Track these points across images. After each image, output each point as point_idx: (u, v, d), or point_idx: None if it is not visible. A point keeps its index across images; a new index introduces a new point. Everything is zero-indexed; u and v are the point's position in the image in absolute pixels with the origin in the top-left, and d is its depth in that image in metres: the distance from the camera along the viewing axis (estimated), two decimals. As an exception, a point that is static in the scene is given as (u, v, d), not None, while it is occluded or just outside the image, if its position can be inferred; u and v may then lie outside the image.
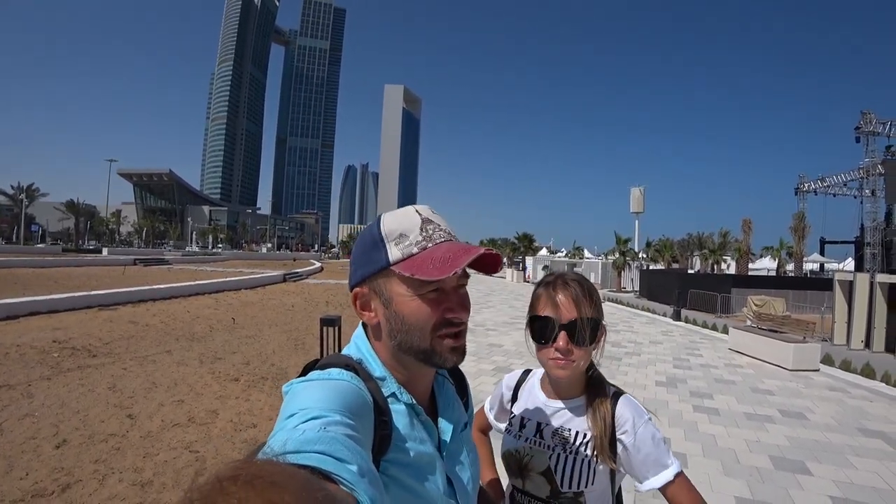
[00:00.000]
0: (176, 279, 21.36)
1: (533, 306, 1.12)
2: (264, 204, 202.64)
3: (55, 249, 48.99)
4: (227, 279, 20.75)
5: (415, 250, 0.73)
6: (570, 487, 1.06)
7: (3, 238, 65.86)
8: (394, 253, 0.73)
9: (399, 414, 0.73)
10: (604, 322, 1.10)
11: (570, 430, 1.11)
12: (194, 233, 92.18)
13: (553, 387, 1.17)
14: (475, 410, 1.35)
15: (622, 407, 1.09)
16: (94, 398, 5.35)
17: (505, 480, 1.32)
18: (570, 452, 1.08)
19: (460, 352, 0.76)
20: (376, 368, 0.76)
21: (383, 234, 0.75)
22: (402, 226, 0.75)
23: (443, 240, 0.75)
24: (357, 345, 0.80)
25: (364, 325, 0.81)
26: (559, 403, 1.14)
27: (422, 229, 0.75)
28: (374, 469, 0.51)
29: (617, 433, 1.06)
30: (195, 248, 77.00)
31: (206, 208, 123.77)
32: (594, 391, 1.12)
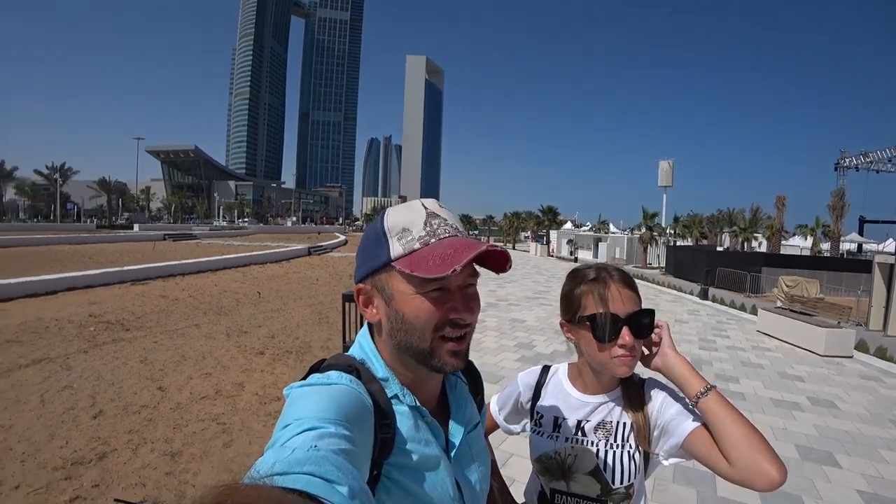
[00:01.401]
0: (204, 254, 21.95)
1: (580, 304, 1.06)
2: (288, 178, 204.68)
3: (90, 226, 50.84)
4: (253, 253, 21.22)
5: (417, 246, 0.70)
6: (621, 483, 1.05)
7: (41, 216, 68.49)
8: (395, 248, 0.71)
9: (402, 416, 0.72)
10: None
11: (611, 422, 1.08)
12: (221, 207, 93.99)
13: (592, 381, 1.12)
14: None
15: (650, 385, 1.10)
16: (127, 371, 5.58)
17: (517, 484, 1.29)
18: (617, 446, 1.06)
19: (462, 356, 0.73)
20: (379, 369, 0.75)
21: (386, 228, 0.72)
22: (405, 220, 0.72)
23: (447, 235, 0.72)
24: (361, 345, 0.79)
25: (369, 325, 0.80)
26: (598, 398, 1.11)
27: (426, 224, 0.72)
28: (367, 489, 0.49)
29: (649, 415, 1.06)
30: (222, 223, 78.69)
31: (231, 183, 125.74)
32: (627, 380, 1.10)
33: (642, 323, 1.02)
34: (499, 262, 0.74)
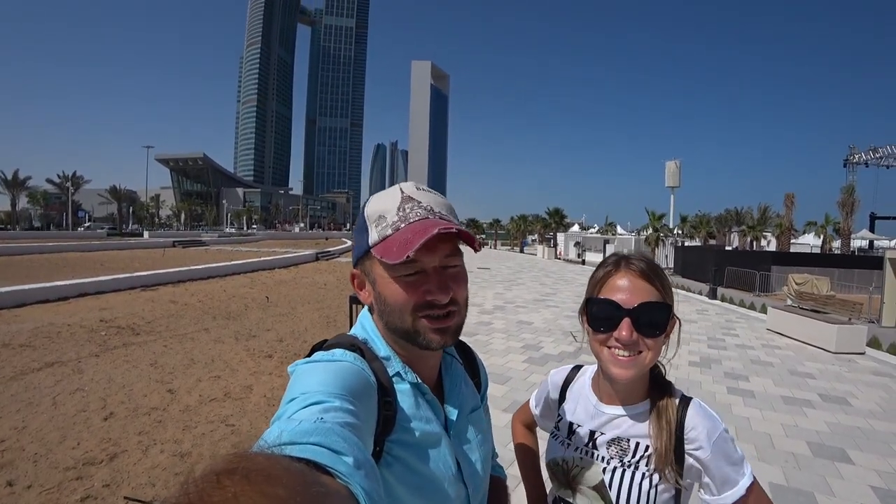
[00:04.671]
0: (213, 260, 22.14)
1: (590, 290, 0.97)
2: (296, 184, 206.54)
3: (101, 234, 51.46)
4: (262, 259, 21.36)
5: (389, 232, 0.72)
6: None
7: (53, 224, 69.38)
8: (373, 235, 0.73)
9: (404, 393, 0.73)
10: (675, 313, 0.95)
11: (628, 440, 0.95)
12: (229, 214, 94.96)
13: (608, 389, 1.00)
14: (525, 401, 1.31)
15: (693, 416, 0.92)
16: (137, 374, 5.64)
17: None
18: (629, 467, 0.93)
19: (450, 333, 0.74)
20: (381, 348, 0.76)
21: (366, 216, 0.75)
22: (382, 207, 0.74)
23: (418, 218, 0.72)
24: (363, 325, 0.81)
25: (369, 308, 0.82)
26: (616, 409, 0.98)
27: (399, 209, 0.73)
28: (371, 460, 0.50)
29: (686, 447, 0.90)
30: (231, 230, 79.29)
31: (240, 190, 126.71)
32: (658, 395, 0.95)
33: (652, 318, 0.89)
34: (466, 240, 0.74)
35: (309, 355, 0.72)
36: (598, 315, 0.92)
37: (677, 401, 0.95)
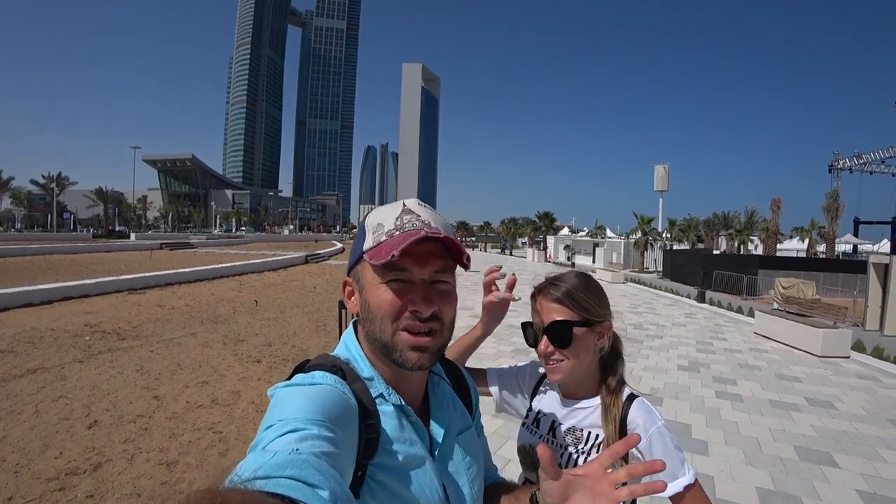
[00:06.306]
0: (201, 262, 21.90)
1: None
2: (285, 186, 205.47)
3: (86, 236, 50.64)
4: (250, 262, 21.17)
5: (383, 238, 0.72)
6: None
7: (37, 226, 68.15)
8: (368, 241, 0.74)
9: (387, 416, 0.72)
10: (605, 321, 1.11)
11: (582, 430, 1.11)
12: (218, 216, 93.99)
13: (564, 387, 1.17)
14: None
15: (634, 411, 1.07)
16: (123, 380, 5.54)
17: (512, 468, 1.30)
18: (582, 453, 1.08)
19: (428, 353, 0.71)
20: (364, 369, 0.75)
21: (366, 224, 0.77)
22: (382, 217, 0.75)
23: (412, 228, 0.72)
24: (346, 345, 0.80)
25: (354, 326, 0.81)
26: (573, 403, 1.15)
27: (397, 219, 0.74)
28: (349, 492, 0.49)
29: (635, 441, 1.04)
30: (219, 232, 78.51)
31: (228, 192, 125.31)
32: (608, 392, 1.11)
33: (560, 334, 1.06)
34: (453, 251, 0.73)
35: (290, 377, 0.70)
36: (527, 333, 1.15)
37: (624, 397, 1.10)
